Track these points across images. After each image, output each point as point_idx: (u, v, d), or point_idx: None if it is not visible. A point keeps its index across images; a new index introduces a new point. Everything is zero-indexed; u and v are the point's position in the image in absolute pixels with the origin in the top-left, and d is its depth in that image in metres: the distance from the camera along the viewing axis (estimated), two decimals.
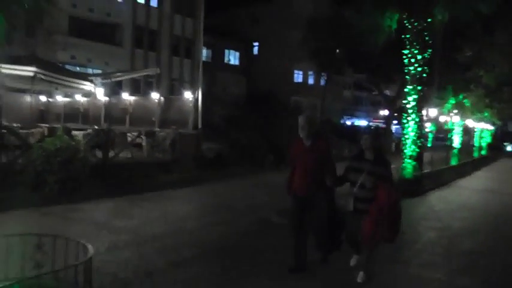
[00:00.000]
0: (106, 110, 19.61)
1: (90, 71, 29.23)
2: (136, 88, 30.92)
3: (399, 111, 26.82)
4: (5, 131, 11.35)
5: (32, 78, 13.77)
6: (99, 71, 28.03)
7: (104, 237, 7.24)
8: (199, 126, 17.32)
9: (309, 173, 5.78)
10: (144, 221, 8.78)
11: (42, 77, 13.13)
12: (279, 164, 18.43)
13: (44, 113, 24.91)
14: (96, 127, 15.13)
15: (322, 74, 36.90)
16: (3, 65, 11.52)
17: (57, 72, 14.46)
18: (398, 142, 22.65)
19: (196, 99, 17.41)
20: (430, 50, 14.96)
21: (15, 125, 14.75)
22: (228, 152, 18.78)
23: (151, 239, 7.50)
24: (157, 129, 17.17)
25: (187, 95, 17.73)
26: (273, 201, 11.17)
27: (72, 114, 24.48)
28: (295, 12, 44.17)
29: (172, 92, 33.97)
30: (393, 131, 43.81)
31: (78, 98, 23.69)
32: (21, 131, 13.03)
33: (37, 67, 12.53)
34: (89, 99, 23.23)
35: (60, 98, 24.47)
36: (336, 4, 33.24)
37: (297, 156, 5.98)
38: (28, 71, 12.55)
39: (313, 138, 5.86)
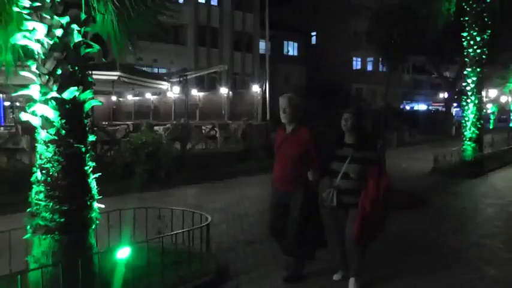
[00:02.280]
0: (178, 105, 21.00)
1: (156, 70, 30.84)
2: (200, 84, 32.31)
3: (459, 94, 26.47)
4: (96, 128, 12.74)
5: (113, 82, 15.22)
6: (164, 70, 29.58)
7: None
8: (268, 117, 18.32)
9: (289, 165, 5.05)
10: (230, 203, 9.90)
11: (125, 80, 14.55)
12: None
13: (115, 112, 26.49)
14: (174, 122, 16.48)
15: (384, 63, 36.51)
16: (94, 72, 12.83)
17: (137, 74, 15.90)
18: (459, 125, 22.56)
19: (264, 92, 18.41)
20: (489, 31, 15.00)
21: (103, 122, 16.30)
22: None
23: (240, 216, 8.61)
24: (228, 121, 18.36)
25: (255, 88, 18.80)
26: None
27: (143, 111, 26.03)
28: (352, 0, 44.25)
29: (235, 85, 35.23)
30: (454, 114, 43.09)
31: (148, 96, 25.25)
32: (108, 128, 14.48)
33: (121, 71, 13.92)
34: (158, 96, 24.75)
35: (130, 97, 26.03)
36: None
37: (279, 146, 5.23)
38: (113, 75, 13.95)
39: (296, 124, 5.11)
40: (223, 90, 20.40)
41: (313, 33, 50.82)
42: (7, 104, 25.67)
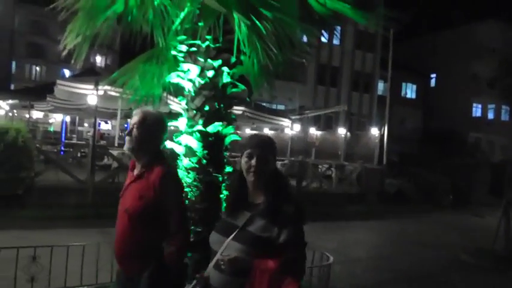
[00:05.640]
0: (294, 142, 21.48)
1: (274, 106, 31.72)
2: (317, 122, 32.63)
3: None
4: None
5: (235, 116, 16.00)
6: (282, 107, 30.36)
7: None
8: (384, 161, 18.12)
9: (128, 229, 2.89)
10: (343, 245, 10.00)
11: (249, 114, 15.30)
12: (457, 205, 18.54)
13: (231, 144, 27.37)
14: (292, 158, 16.92)
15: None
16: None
17: (260, 110, 16.66)
18: None
19: (382, 135, 18.29)
20: None
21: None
22: (407, 188, 19.18)
23: (353, 260, 8.73)
24: (345, 162, 18.42)
25: (373, 131, 18.78)
26: (457, 240, 11.81)
27: None
28: (477, 42, 42.22)
29: (350, 126, 35.09)
30: None
31: (266, 131, 25.91)
32: (230, 159, 15.21)
33: (245, 106, 14.70)
34: (275, 132, 25.40)
35: (248, 131, 26.81)
36: None
37: (122, 195, 3.06)
38: (239, 110, 14.76)
39: (148, 161, 2.97)
40: (341, 131, 20.56)
41: (433, 75, 49.00)
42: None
